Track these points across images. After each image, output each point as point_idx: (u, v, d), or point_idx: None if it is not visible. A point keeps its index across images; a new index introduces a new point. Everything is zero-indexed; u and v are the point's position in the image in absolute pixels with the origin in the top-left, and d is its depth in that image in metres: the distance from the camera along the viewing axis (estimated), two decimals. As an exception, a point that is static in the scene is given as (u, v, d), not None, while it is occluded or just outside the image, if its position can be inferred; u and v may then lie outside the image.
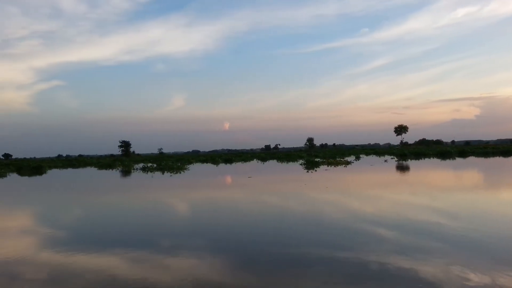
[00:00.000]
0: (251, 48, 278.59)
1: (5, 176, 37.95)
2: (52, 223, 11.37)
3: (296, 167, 38.78)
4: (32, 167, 52.05)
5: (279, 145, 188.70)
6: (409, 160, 49.80)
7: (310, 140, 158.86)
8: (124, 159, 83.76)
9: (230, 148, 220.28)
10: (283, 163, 50.89)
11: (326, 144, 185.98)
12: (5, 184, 28.97)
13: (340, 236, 8.38)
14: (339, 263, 6.38)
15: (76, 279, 5.99)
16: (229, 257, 7.01)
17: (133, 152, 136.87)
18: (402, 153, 65.50)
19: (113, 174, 37.46)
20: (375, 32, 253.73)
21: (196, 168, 44.43)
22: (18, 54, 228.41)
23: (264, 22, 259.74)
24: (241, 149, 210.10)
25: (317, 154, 73.81)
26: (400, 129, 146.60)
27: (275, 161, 60.81)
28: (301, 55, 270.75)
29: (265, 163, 55.38)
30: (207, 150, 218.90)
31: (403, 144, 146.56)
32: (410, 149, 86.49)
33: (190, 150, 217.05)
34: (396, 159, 53.94)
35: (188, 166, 46.42)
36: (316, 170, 31.27)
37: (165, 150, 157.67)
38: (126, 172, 39.57)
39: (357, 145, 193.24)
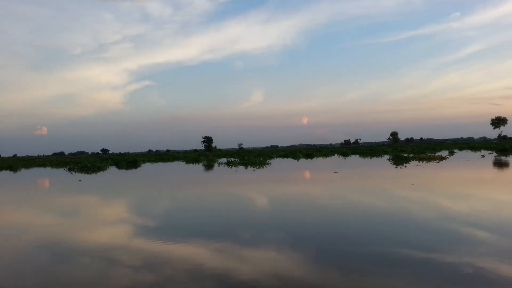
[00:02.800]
0: (331, 40, 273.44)
1: (106, 169, 41.78)
2: (146, 213, 12.30)
3: (382, 163, 37.18)
4: (128, 161, 56.72)
5: (360, 139, 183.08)
6: (511, 155, 44.86)
7: (394, 134, 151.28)
8: (208, 154, 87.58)
9: (308, 143, 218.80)
10: (367, 159, 49.09)
11: (412, 138, 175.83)
12: (108, 176, 31.99)
13: (430, 236, 7.90)
14: (427, 264, 6.04)
15: (165, 266, 6.39)
16: (310, 252, 6.96)
17: (215, 147, 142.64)
18: (502, 148, 59.21)
19: (200, 168, 39.32)
20: (468, 16, 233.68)
21: (277, 162, 44.80)
22: (112, 58, 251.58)
23: (344, 12, 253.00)
24: (320, 144, 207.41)
25: (404, 149, 69.93)
26: (498, 121, 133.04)
27: (357, 156, 58.94)
28: (384, 45, 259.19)
29: (346, 158, 53.97)
30: (285, 145, 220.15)
31: (501, 138, 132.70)
32: (510, 143, 77.90)
33: (269, 145, 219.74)
34: (495, 154, 48.98)
35: (269, 161, 46.96)
36: (405, 166, 29.67)
37: (244, 145, 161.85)
38: (211, 167, 41.29)
39: (447, 139, 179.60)
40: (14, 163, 64.58)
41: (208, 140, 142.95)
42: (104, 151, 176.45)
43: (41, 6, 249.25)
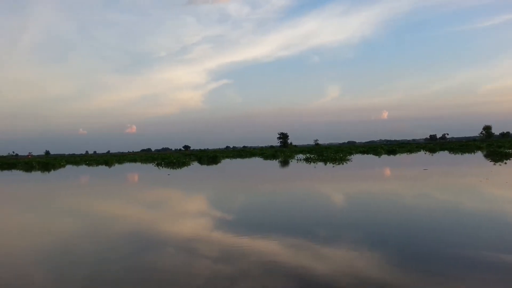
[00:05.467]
0: (414, 29, 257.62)
1: (189, 165, 43.72)
2: (226, 207, 12.41)
3: (477, 159, 34.02)
4: (209, 157, 58.90)
5: (447, 134, 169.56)
6: None
7: (487, 128, 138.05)
8: (285, 150, 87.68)
9: (388, 139, 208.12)
10: (458, 155, 45.29)
11: (508, 132, 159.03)
12: (192, 171, 33.43)
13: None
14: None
15: (242, 259, 6.40)
16: (389, 253, 6.46)
17: (291, 143, 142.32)
18: None
19: (279, 164, 39.33)
20: None
21: (357, 159, 43.24)
22: (193, 59, 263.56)
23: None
24: (401, 140, 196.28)
25: (502, 144, 63.38)
26: None
27: (446, 152, 54.68)
28: (474, 32, 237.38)
29: (434, 154, 50.30)
30: (363, 141, 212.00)
31: None
32: None
33: (346, 141, 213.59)
34: None
35: (349, 157, 45.48)
36: (506, 163, 26.68)
37: (320, 141, 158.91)
38: (289, 163, 41.09)
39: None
40: (109, 159, 70.48)
41: (283, 137, 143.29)
42: (186, 147, 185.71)
43: (128, 12, 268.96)
